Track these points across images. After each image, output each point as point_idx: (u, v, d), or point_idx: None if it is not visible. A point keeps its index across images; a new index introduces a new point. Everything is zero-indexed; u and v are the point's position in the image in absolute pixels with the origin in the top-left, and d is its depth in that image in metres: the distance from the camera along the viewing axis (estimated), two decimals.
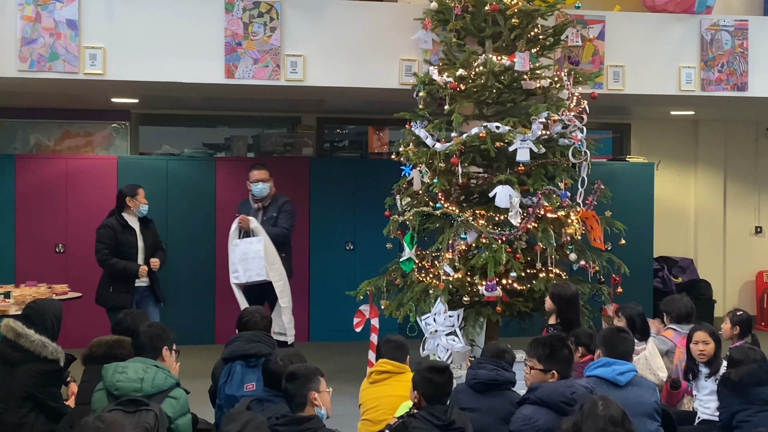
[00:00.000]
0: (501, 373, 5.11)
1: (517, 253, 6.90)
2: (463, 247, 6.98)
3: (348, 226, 10.52)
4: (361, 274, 8.68)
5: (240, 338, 5.54)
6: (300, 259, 10.42)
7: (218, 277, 10.18)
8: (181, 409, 4.72)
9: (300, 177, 10.46)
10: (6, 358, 5.92)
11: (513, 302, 7.08)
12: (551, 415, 4.46)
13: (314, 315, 10.48)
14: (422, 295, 7.19)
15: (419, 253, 7.50)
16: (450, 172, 7.18)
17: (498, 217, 7.04)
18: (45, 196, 9.82)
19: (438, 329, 6.88)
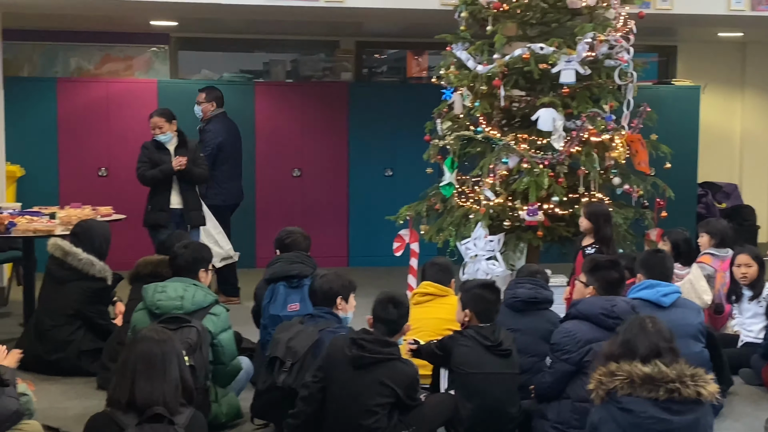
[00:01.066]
0: (540, 291, 5.11)
1: (560, 177, 6.82)
2: (505, 171, 6.91)
3: (387, 151, 10.47)
4: (400, 200, 8.63)
5: (282, 259, 5.58)
6: (339, 184, 10.44)
7: (258, 201, 10.22)
8: (222, 325, 4.78)
9: (338, 102, 10.38)
10: (54, 277, 6.03)
11: (554, 227, 7.03)
12: (592, 328, 4.47)
13: (353, 240, 10.51)
14: (462, 220, 7.15)
15: (459, 178, 7.44)
16: (492, 95, 7.07)
17: (540, 141, 6.95)
18: (87, 120, 9.86)
19: (478, 254, 6.86)
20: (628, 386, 3.37)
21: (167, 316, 4.63)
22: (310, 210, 10.34)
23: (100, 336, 5.95)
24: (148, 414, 3.19)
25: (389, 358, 4.33)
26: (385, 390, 4.28)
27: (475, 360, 4.53)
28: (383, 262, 9.97)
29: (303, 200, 10.36)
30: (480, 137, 7.09)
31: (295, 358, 4.58)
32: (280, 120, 10.31)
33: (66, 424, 4.79)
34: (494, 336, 4.56)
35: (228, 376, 4.92)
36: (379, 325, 4.45)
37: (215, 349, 4.73)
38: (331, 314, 4.81)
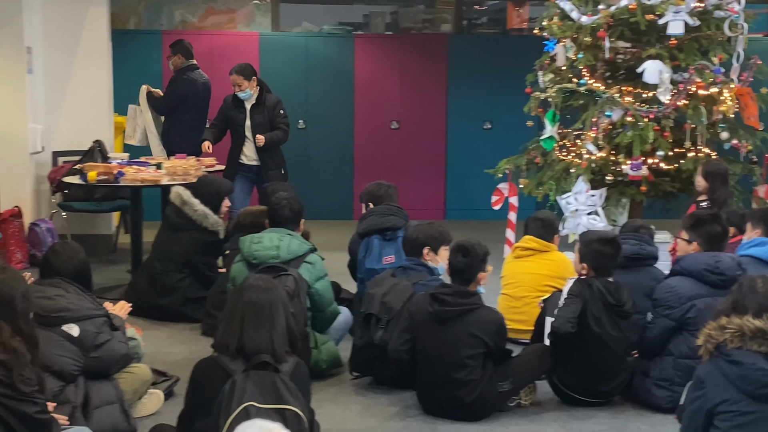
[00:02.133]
0: (644, 247, 5.00)
1: (665, 131, 6.64)
2: (608, 125, 6.75)
3: (486, 104, 10.35)
4: (499, 153, 8.54)
5: (374, 212, 5.57)
6: (437, 137, 10.38)
7: (356, 153, 10.26)
8: (318, 274, 4.82)
9: (438, 55, 10.28)
10: (171, 223, 6.20)
11: (659, 182, 6.86)
12: (695, 285, 4.38)
13: (450, 193, 10.47)
14: (563, 174, 7.04)
15: (561, 131, 7.32)
16: (596, 46, 6.91)
17: (646, 94, 6.77)
18: None
19: (579, 208, 6.74)
20: (738, 339, 3.28)
21: (264, 265, 4.69)
22: (407, 162, 10.33)
23: (205, 286, 6.08)
24: (255, 361, 3.23)
25: (472, 307, 4.31)
26: (473, 340, 4.26)
27: (594, 315, 4.44)
28: (480, 215, 9.91)
29: (400, 153, 10.34)
30: (583, 90, 6.95)
31: (390, 315, 4.59)
32: (378, 72, 10.27)
33: (172, 369, 4.91)
34: (618, 295, 4.48)
35: (327, 322, 4.98)
36: (454, 276, 4.42)
37: (312, 297, 4.77)
38: (422, 266, 4.80)
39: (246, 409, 3.10)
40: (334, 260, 6.03)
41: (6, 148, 7.43)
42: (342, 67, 10.16)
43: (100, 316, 4.10)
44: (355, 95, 10.19)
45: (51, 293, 3.98)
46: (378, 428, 4.35)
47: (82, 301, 4.06)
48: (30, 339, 3.36)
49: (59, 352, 3.87)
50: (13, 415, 3.21)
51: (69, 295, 4.03)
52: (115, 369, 4.20)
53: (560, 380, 4.55)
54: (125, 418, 4.12)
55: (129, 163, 7.21)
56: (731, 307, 3.40)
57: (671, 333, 4.40)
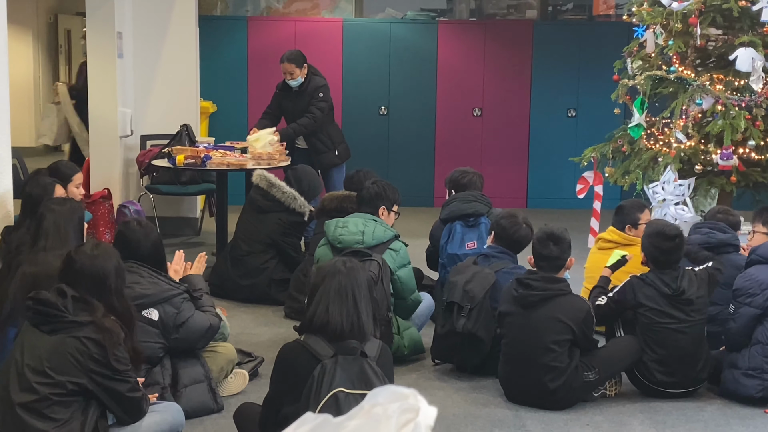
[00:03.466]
0: (714, 234, 4.91)
1: (757, 120, 6.48)
2: (698, 113, 6.62)
3: (570, 91, 10.25)
4: (583, 142, 8.46)
5: (457, 199, 5.58)
6: (519, 125, 10.32)
7: (438, 140, 10.26)
8: (401, 261, 4.85)
9: (522, 41, 10.22)
10: (257, 206, 6.31)
11: (749, 172, 6.69)
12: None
13: (532, 181, 10.41)
14: (650, 163, 6.93)
15: (649, 120, 7.19)
16: (687, 33, 6.75)
17: (738, 82, 6.60)
18: (275, 58, 10.10)
19: (666, 198, 6.63)
20: None
21: (349, 250, 4.73)
22: (489, 149, 10.30)
23: (290, 267, 6.17)
24: (344, 348, 3.21)
25: (559, 293, 4.29)
26: (559, 326, 4.25)
27: (656, 308, 4.41)
28: (563, 204, 9.85)
29: (482, 140, 10.32)
30: (672, 77, 6.81)
31: (473, 303, 4.59)
32: (462, 58, 10.24)
33: (257, 350, 5.01)
34: (675, 283, 4.41)
35: (408, 310, 5.01)
36: (542, 264, 4.40)
37: (395, 284, 4.81)
38: (505, 253, 4.79)
39: (335, 395, 3.09)
40: (415, 247, 6.07)
41: (97, 131, 7.64)
42: (425, 54, 10.16)
43: (178, 295, 4.11)
44: (437, 82, 10.19)
45: (128, 281, 4.03)
46: (461, 414, 4.37)
47: (158, 284, 4.07)
48: (124, 316, 3.45)
49: (144, 338, 3.88)
50: (107, 392, 3.31)
51: (143, 280, 4.03)
52: (203, 343, 4.27)
53: (641, 374, 4.49)
54: (212, 397, 4.22)
55: (215, 147, 7.34)
56: None
57: (756, 321, 4.34)
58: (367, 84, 9.99)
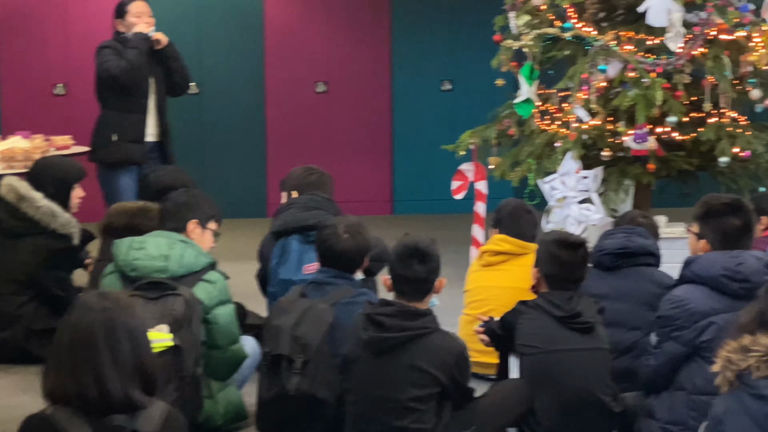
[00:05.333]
0: (633, 239, 5.09)
1: (677, 89, 6.77)
2: (603, 82, 6.87)
3: (444, 57, 10.46)
4: (463, 123, 8.65)
5: (294, 205, 5.57)
6: (379, 103, 10.44)
7: (270, 128, 10.29)
8: (219, 297, 4.81)
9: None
10: (3, 229, 6.10)
11: (671, 158, 6.98)
12: (711, 296, 4.43)
13: (399, 180, 10.56)
14: (546, 150, 7.14)
15: (542, 93, 7.40)
16: None
17: (651, 41, 6.88)
18: (37, 21, 9.95)
19: (568, 195, 6.85)
20: (766, 366, 3.36)
21: (146, 280, 4.69)
22: (339, 138, 10.42)
23: (57, 311, 5.99)
24: (103, 425, 3.06)
25: (421, 332, 4.37)
26: (422, 376, 4.28)
27: (544, 336, 4.55)
28: (439, 208, 10.02)
29: (330, 125, 10.41)
30: (569, 36, 7.04)
31: (307, 354, 4.56)
32: (298, 17, 10.30)
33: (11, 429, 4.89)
34: (569, 305, 4.57)
35: (227, 366, 4.93)
36: (403, 288, 4.47)
37: (209, 327, 4.74)
38: (342, 277, 4.82)
39: None
40: (240, 274, 6.03)
41: None
42: (247, 10, 10.19)
43: None
44: (265, 48, 10.24)
45: None
46: None
47: None
48: None
49: None
50: None
51: None
52: None
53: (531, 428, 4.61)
54: None
55: None
56: (757, 322, 3.47)
57: (682, 361, 4.47)
58: None
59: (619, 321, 4.94)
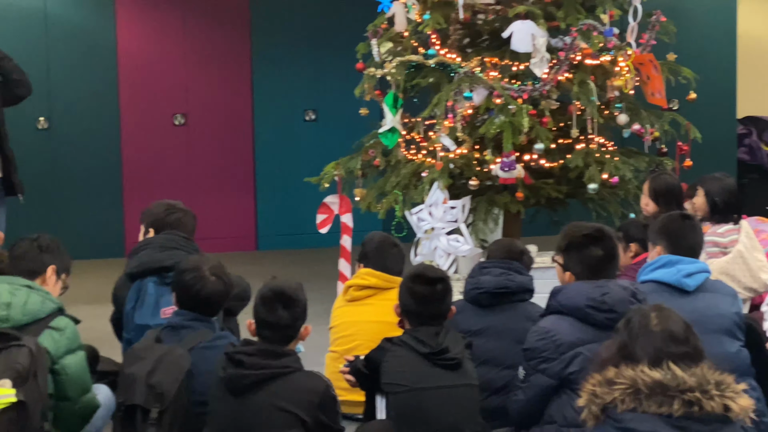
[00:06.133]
0: (512, 277, 5.14)
1: (545, 116, 6.84)
2: (469, 110, 6.92)
3: (307, 86, 10.49)
4: (328, 154, 8.63)
5: (150, 245, 5.50)
6: (240, 135, 10.40)
7: (125, 162, 10.17)
8: (68, 345, 4.71)
9: (236, 16, 10.37)
10: None
11: (540, 185, 7.06)
12: (577, 327, 4.50)
13: (263, 214, 10.53)
14: (412, 180, 7.16)
15: (407, 121, 7.43)
16: (447, 4, 7.06)
17: (516, 67, 6.96)
18: None
19: (436, 226, 6.88)
20: (631, 399, 3.39)
21: None
22: (200, 171, 10.34)
23: None
24: None
25: (282, 371, 4.34)
26: (284, 417, 4.26)
27: (410, 373, 4.55)
28: (305, 242, 10.00)
29: (190, 158, 10.33)
30: (432, 63, 7.08)
31: (163, 403, 4.51)
32: (152, 46, 10.20)
33: None
34: (435, 341, 4.58)
35: (78, 417, 4.83)
36: (265, 333, 4.44)
37: (58, 378, 4.64)
38: (199, 320, 4.77)
39: None
40: (94, 318, 5.94)
41: None
42: (98, 40, 10.05)
43: None
44: (119, 79, 10.12)
45: None
46: None
47: None
48: None
49: None
50: None
51: None
52: None
53: None
54: None
55: None
56: (620, 354, 3.52)
57: (551, 393, 4.53)
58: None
59: (493, 359, 5.00)
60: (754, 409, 3.58)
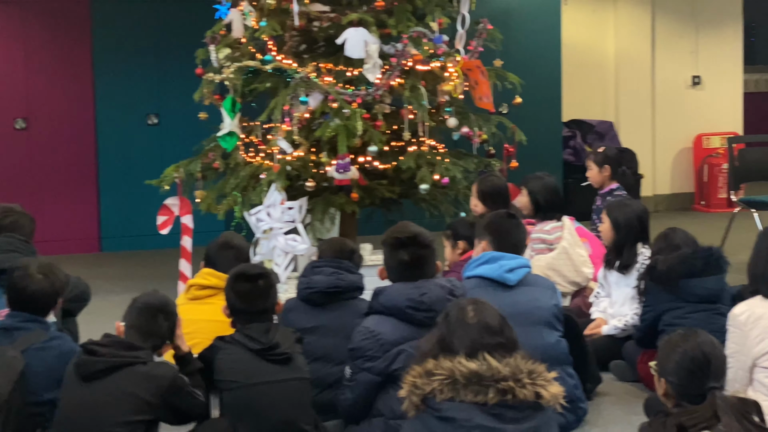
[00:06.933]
0: (343, 276, 5.19)
1: (378, 119, 6.91)
2: (305, 114, 6.94)
3: (149, 91, 10.37)
4: (170, 157, 8.55)
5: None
6: (83, 139, 10.23)
7: None
8: None
9: (77, 20, 10.21)
10: None
11: (374, 186, 7.12)
12: (399, 326, 4.58)
13: (106, 216, 10.36)
14: (251, 182, 7.14)
15: (245, 125, 7.41)
16: (283, 11, 7.07)
17: (350, 72, 7.00)
18: None
19: (274, 226, 6.88)
20: (449, 388, 3.46)
21: None
22: (42, 175, 10.13)
23: None
24: None
25: (133, 361, 4.32)
26: (133, 403, 4.26)
27: (243, 370, 4.57)
28: (147, 243, 9.89)
29: (32, 162, 10.12)
30: (269, 68, 7.08)
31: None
32: None
33: None
34: (266, 337, 4.60)
35: None
36: (134, 334, 4.45)
37: None
38: (34, 321, 4.70)
39: None
40: None
41: None
42: None
43: None
44: None
45: None
46: None
47: None
48: None
49: None
50: None
51: None
52: None
53: None
54: None
55: None
56: (438, 347, 3.59)
57: (376, 390, 4.58)
58: None
59: (326, 355, 5.05)
60: (565, 395, 3.69)
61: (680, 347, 3.79)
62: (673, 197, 12.50)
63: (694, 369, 3.72)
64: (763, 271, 4.75)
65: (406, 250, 4.76)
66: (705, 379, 3.71)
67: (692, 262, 5.56)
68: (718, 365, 3.78)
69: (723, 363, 3.83)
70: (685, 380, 3.74)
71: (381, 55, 6.97)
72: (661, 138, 12.38)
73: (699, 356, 3.75)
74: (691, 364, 3.73)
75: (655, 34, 12.26)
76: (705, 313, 5.51)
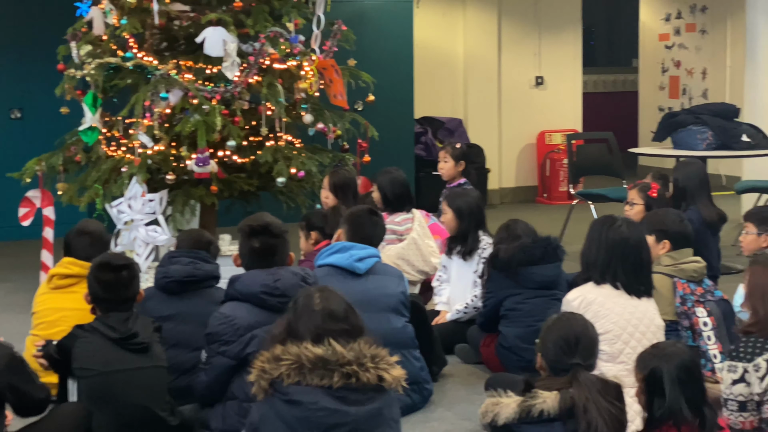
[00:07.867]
0: (199, 266, 5.19)
1: (236, 115, 6.91)
2: (165, 109, 6.90)
3: (12, 86, 10.17)
4: (33, 151, 8.38)
5: None
6: None
7: None
8: None
9: None
10: None
11: (232, 179, 7.12)
12: (253, 311, 4.61)
13: None
14: (112, 175, 7.07)
15: (107, 120, 7.33)
16: (143, 9, 7.02)
17: (209, 70, 6.99)
18: None
19: (135, 218, 6.84)
20: (296, 373, 3.50)
21: None
22: None
23: None
24: None
25: None
26: None
27: (100, 358, 4.54)
28: (9, 235, 9.73)
29: None
30: (130, 65, 7.02)
31: None
32: None
33: None
34: (125, 326, 4.58)
35: None
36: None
37: None
38: None
39: None
40: None
41: None
42: None
43: None
44: None
45: None
46: None
47: None
48: None
49: None
50: None
51: None
52: None
53: None
54: None
55: None
56: (286, 332, 3.64)
57: (231, 373, 4.61)
58: None
59: (182, 342, 5.05)
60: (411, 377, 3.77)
61: (556, 326, 4.12)
62: (518, 190, 12.78)
63: (564, 346, 4.03)
64: (594, 259, 4.91)
65: (258, 239, 4.80)
66: (572, 355, 4.01)
67: (531, 251, 5.73)
68: (587, 345, 4.08)
69: (592, 344, 4.13)
70: (556, 356, 4.05)
71: (239, 54, 6.98)
72: (506, 134, 12.63)
73: (570, 336, 4.05)
74: (563, 342, 4.04)
75: (501, 37, 12.51)
76: (543, 298, 5.69)
